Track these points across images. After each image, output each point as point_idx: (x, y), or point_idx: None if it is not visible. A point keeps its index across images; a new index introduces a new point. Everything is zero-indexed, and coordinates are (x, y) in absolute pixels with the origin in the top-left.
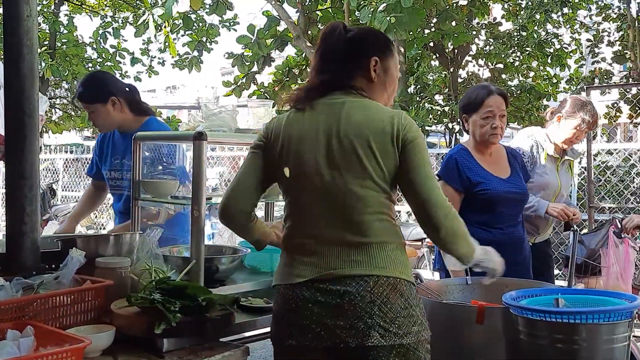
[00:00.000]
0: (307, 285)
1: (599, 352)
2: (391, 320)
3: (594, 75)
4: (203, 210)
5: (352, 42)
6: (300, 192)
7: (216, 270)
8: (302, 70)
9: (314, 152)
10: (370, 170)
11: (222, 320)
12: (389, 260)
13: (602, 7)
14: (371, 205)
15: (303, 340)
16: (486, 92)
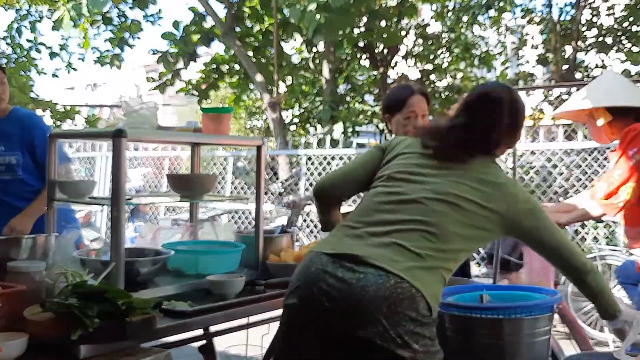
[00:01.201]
0: (335, 257)
1: (522, 346)
2: (395, 323)
3: (518, 77)
4: (122, 211)
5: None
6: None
7: (137, 274)
8: (230, 68)
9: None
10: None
11: (143, 325)
12: (422, 278)
13: (526, 10)
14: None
15: (306, 301)
16: (408, 92)
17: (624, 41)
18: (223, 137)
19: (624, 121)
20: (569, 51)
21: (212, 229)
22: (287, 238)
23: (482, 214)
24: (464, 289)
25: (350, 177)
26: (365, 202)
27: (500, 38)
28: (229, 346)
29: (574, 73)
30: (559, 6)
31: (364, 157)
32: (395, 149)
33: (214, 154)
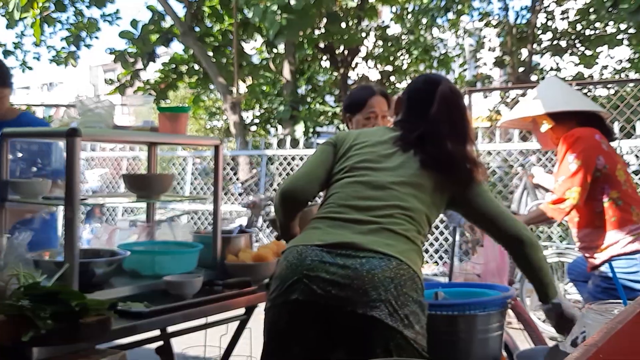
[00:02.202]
0: (328, 247)
1: (476, 342)
2: (402, 304)
3: (476, 79)
4: (77, 212)
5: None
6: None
7: (92, 275)
8: (190, 68)
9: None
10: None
11: (98, 326)
12: (412, 257)
13: (483, 14)
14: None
15: (310, 295)
16: (369, 93)
17: (578, 44)
18: (180, 136)
19: (566, 126)
20: (525, 54)
21: (169, 230)
22: (246, 238)
23: (437, 190)
24: None
25: (313, 177)
26: (337, 194)
27: (458, 40)
28: (187, 347)
29: (529, 75)
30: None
31: (321, 155)
32: (345, 141)
33: (173, 154)
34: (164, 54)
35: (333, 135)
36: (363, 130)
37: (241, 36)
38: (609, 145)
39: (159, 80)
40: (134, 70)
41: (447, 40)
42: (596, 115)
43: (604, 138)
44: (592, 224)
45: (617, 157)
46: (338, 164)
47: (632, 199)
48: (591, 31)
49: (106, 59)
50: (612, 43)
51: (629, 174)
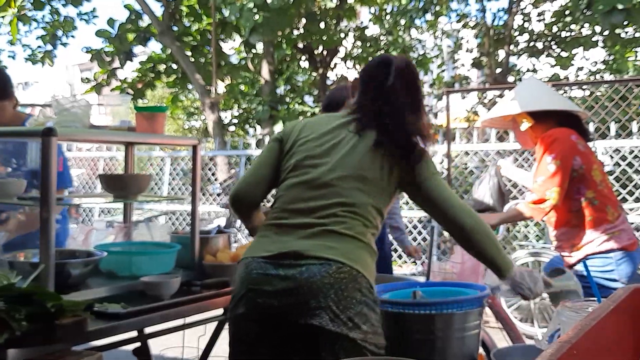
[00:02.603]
0: (272, 259)
1: (453, 341)
2: (344, 308)
3: (454, 80)
4: (52, 212)
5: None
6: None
7: (68, 276)
8: (167, 67)
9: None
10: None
11: (74, 327)
12: (359, 257)
13: (461, 15)
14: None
15: (254, 308)
16: (347, 93)
17: (554, 46)
18: (158, 136)
19: (545, 125)
20: (502, 55)
21: (147, 230)
22: (224, 238)
23: (384, 178)
24: (398, 286)
25: (259, 178)
26: (282, 197)
27: (436, 42)
28: (165, 348)
29: (507, 76)
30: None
31: (266, 154)
32: (291, 136)
33: (150, 155)
34: (142, 53)
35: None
36: (309, 121)
37: (219, 36)
38: (586, 146)
39: (136, 79)
40: (111, 69)
41: (425, 41)
42: (574, 115)
43: (580, 138)
44: (568, 223)
45: (593, 158)
46: (284, 161)
47: (607, 199)
48: (567, 33)
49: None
50: (587, 45)
51: (605, 174)
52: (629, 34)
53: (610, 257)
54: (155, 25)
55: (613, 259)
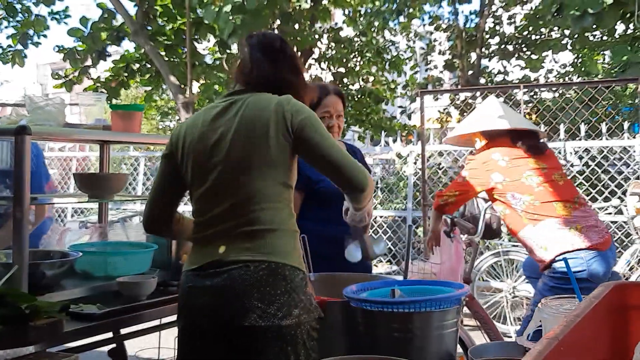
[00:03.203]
0: (199, 271)
1: (431, 339)
2: (269, 302)
3: (427, 82)
4: (26, 212)
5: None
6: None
7: (42, 276)
8: (141, 67)
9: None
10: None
11: (48, 329)
12: (273, 246)
13: (434, 17)
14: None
15: (190, 321)
16: (324, 92)
17: (524, 49)
18: (134, 135)
19: (500, 142)
20: (474, 57)
21: (122, 230)
22: None
23: (275, 152)
24: (376, 284)
25: (163, 198)
26: (195, 211)
27: (409, 43)
28: (141, 349)
29: (478, 78)
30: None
31: (161, 172)
32: (178, 147)
33: (125, 154)
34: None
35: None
36: (187, 125)
37: (194, 36)
38: (514, 159)
39: (110, 78)
40: (83, 66)
41: (398, 43)
42: (530, 131)
43: (512, 154)
44: (518, 227)
45: (524, 167)
46: (183, 173)
47: (552, 196)
48: (537, 36)
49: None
50: (556, 48)
51: (548, 174)
52: (597, 37)
53: (581, 257)
54: (128, 24)
55: (584, 259)
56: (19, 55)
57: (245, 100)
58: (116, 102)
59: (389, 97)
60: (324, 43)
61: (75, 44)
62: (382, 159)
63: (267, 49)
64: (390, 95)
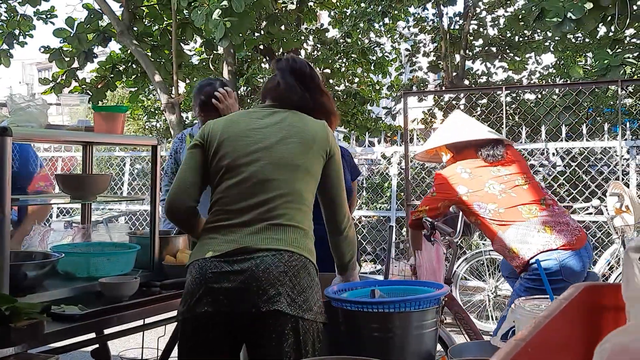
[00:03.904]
0: (225, 257)
1: (411, 338)
2: (299, 292)
3: (412, 83)
4: (7, 213)
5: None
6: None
7: (24, 277)
8: (127, 67)
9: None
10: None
11: (30, 330)
12: (302, 243)
13: (418, 19)
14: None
15: (217, 306)
16: None
17: (508, 51)
18: (116, 136)
19: (466, 154)
20: (458, 59)
21: (106, 231)
22: (184, 239)
23: (316, 163)
24: (357, 285)
25: (188, 184)
26: (222, 199)
27: (394, 45)
28: (124, 350)
29: (462, 79)
30: (449, 16)
31: (190, 160)
32: (211, 139)
33: (111, 155)
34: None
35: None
36: (230, 120)
37: (181, 37)
38: (476, 170)
39: (96, 79)
40: (70, 69)
41: (384, 44)
42: (496, 139)
43: (475, 165)
44: (491, 235)
45: (486, 176)
46: (214, 164)
47: (516, 200)
48: (520, 38)
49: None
50: (539, 50)
51: (511, 179)
52: (579, 39)
53: (554, 257)
54: (114, 24)
55: (557, 259)
56: (5, 55)
57: (288, 113)
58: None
59: (374, 98)
60: (310, 44)
61: (61, 44)
62: (367, 159)
63: (298, 74)
64: (376, 96)
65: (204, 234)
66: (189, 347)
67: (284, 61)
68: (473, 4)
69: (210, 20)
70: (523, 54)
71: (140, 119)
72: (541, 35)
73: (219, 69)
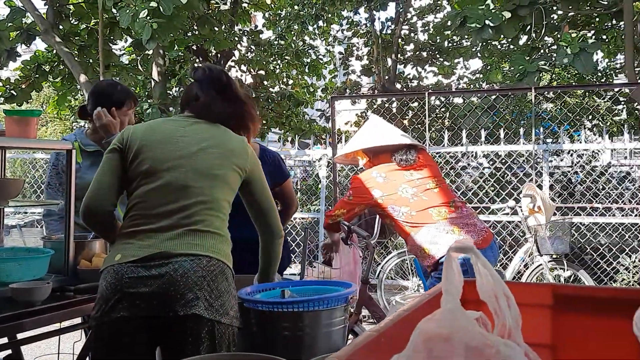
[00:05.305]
0: (142, 262)
1: (320, 336)
2: (216, 297)
3: (345, 86)
4: None
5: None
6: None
7: None
8: (53, 67)
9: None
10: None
11: None
12: (219, 249)
13: (351, 23)
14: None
15: (134, 310)
16: None
17: (437, 55)
18: (28, 140)
19: (382, 158)
20: (390, 63)
21: (20, 236)
22: (100, 243)
23: (234, 174)
24: (270, 286)
25: (105, 188)
26: (140, 204)
27: (328, 48)
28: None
29: (394, 83)
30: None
31: (107, 164)
32: (131, 143)
33: (32, 157)
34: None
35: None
36: (152, 126)
37: (109, 36)
38: (393, 172)
39: (20, 79)
40: None
41: (317, 47)
42: (410, 144)
43: (390, 168)
44: (405, 236)
45: (399, 180)
46: (132, 169)
47: (427, 203)
48: (449, 44)
49: None
50: (466, 55)
51: (423, 183)
52: (504, 45)
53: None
54: (38, 23)
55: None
56: None
57: (209, 125)
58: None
59: (308, 100)
60: (244, 45)
61: None
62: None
63: (215, 84)
64: (310, 98)
65: (121, 238)
66: (105, 352)
67: (200, 71)
68: (404, 9)
69: (136, 22)
70: (452, 59)
71: (67, 119)
72: (469, 41)
73: (149, 70)
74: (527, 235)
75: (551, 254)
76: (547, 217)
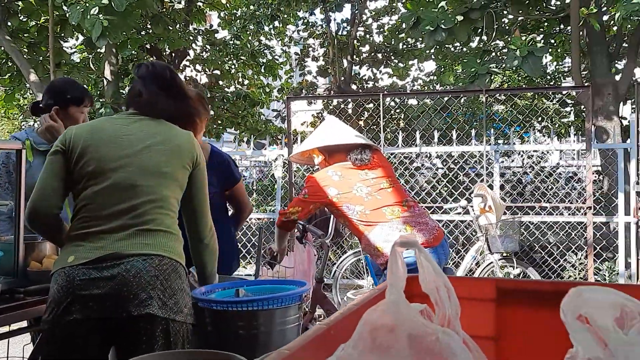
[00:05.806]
0: (93, 264)
1: (275, 334)
2: (169, 295)
3: (301, 87)
4: None
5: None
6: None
7: None
8: (1, 64)
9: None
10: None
11: None
12: (171, 247)
13: (307, 24)
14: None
15: (87, 312)
16: None
17: (393, 57)
18: None
19: (338, 157)
20: (346, 64)
21: None
22: (51, 244)
23: (182, 172)
24: (225, 285)
25: (50, 191)
26: (88, 205)
27: (284, 48)
28: None
29: (350, 84)
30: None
31: (51, 166)
32: (74, 144)
33: None
34: None
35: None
36: (96, 126)
37: (59, 34)
38: (348, 171)
39: None
40: None
41: (273, 47)
42: (364, 144)
43: (346, 167)
44: (359, 235)
45: (355, 179)
46: (77, 170)
47: (380, 202)
48: (404, 46)
49: None
50: (421, 57)
51: (377, 183)
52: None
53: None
54: None
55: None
56: None
57: (154, 122)
58: None
59: (264, 100)
60: (199, 45)
61: None
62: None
63: (159, 81)
64: (266, 99)
65: (71, 240)
66: (57, 355)
67: (143, 67)
68: (359, 11)
69: (87, 18)
70: (407, 61)
71: (16, 118)
72: (423, 44)
73: (101, 68)
74: (478, 234)
75: (501, 252)
76: (497, 216)
